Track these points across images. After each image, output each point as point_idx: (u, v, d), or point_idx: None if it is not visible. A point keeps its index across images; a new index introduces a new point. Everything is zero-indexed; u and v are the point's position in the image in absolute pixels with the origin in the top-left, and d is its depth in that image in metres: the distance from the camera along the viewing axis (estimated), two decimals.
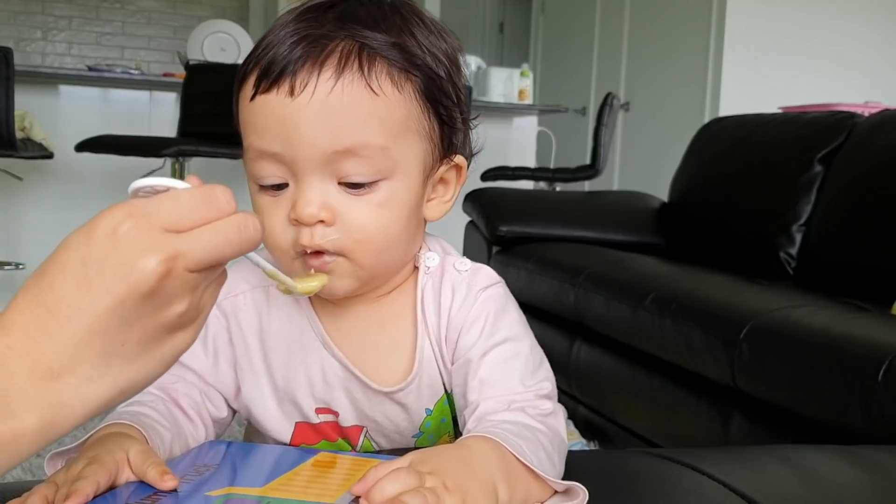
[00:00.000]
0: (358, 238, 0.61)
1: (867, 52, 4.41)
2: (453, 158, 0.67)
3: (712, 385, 1.62)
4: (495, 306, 0.68)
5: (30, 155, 3.04)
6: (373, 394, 0.68)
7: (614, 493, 0.63)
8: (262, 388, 0.69)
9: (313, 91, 0.59)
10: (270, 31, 0.62)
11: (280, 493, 0.53)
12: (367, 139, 0.60)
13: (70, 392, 0.41)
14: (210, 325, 0.69)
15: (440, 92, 0.64)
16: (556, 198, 3.20)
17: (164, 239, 0.42)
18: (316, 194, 0.60)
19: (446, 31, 0.67)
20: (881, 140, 2.09)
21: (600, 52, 5.29)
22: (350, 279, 0.63)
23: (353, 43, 0.60)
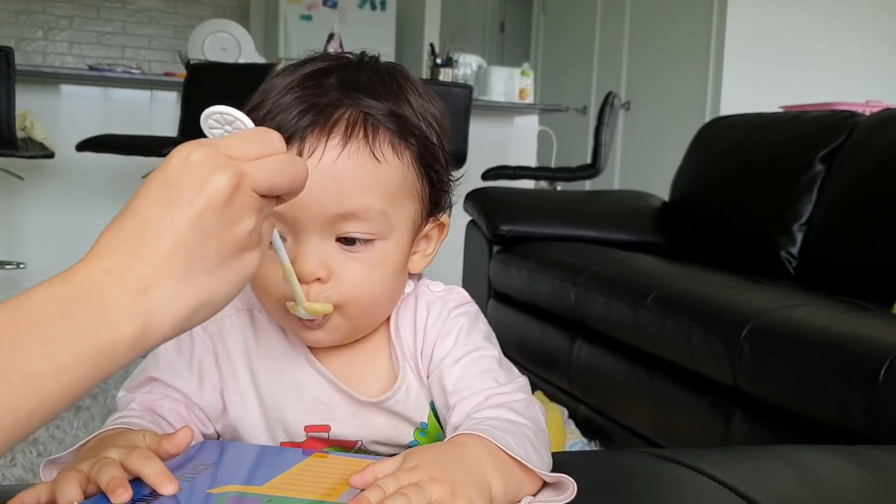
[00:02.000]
0: (349, 294, 0.64)
1: (868, 52, 4.41)
2: (439, 218, 0.71)
3: (713, 384, 1.62)
4: (467, 320, 0.72)
5: (31, 154, 3.05)
6: (363, 406, 0.70)
7: (615, 492, 0.63)
8: (249, 408, 0.70)
9: (321, 157, 0.62)
10: (271, 92, 0.65)
11: (282, 492, 0.53)
12: (368, 203, 0.63)
13: (158, 303, 0.46)
14: (195, 347, 0.70)
15: (433, 157, 0.68)
16: (556, 197, 3.20)
17: (231, 162, 0.48)
18: (315, 253, 0.63)
19: (432, 94, 0.71)
20: (882, 139, 2.09)
21: (601, 52, 5.29)
22: (336, 333, 0.67)
23: (357, 112, 0.63)
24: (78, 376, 0.42)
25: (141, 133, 3.30)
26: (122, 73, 3.67)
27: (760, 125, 2.50)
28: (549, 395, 2.25)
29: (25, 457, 1.91)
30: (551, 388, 2.29)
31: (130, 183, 3.63)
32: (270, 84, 0.67)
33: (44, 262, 3.56)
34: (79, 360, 0.43)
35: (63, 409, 0.43)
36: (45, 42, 6.04)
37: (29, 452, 1.94)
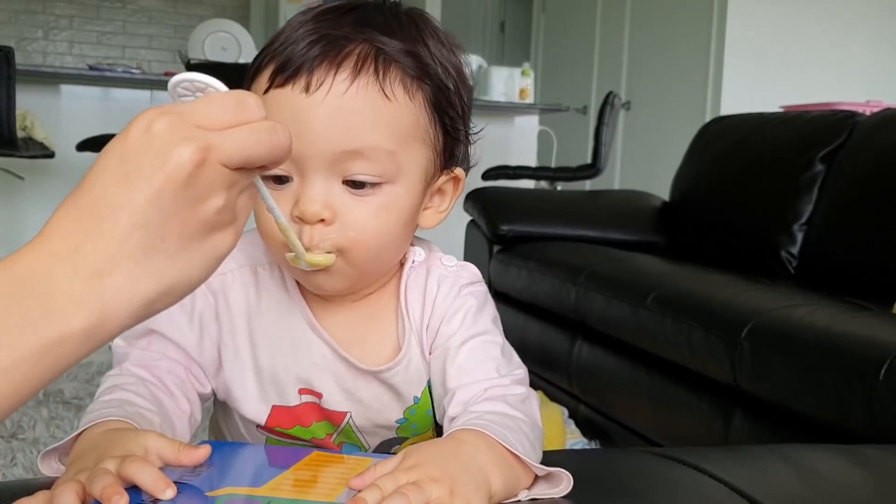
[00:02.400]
0: (354, 238, 0.62)
1: (869, 51, 4.41)
2: (453, 170, 0.69)
3: (713, 384, 1.62)
4: (476, 301, 0.71)
5: (31, 154, 3.05)
6: (360, 374, 0.69)
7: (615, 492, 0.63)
8: (244, 367, 0.69)
9: (328, 90, 0.60)
10: (286, 28, 0.63)
11: (281, 493, 0.53)
12: (376, 142, 0.61)
13: (114, 291, 0.41)
14: (197, 300, 0.69)
15: (447, 103, 0.66)
16: (557, 197, 3.20)
17: (197, 132, 0.43)
18: (320, 192, 0.61)
19: (457, 45, 0.69)
20: (882, 139, 2.09)
21: (601, 51, 5.29)
22: (341, 278, 0.64)
23: (370, 47, 0.61)
24: (22, 378, 0.38)
25: None
26: (123, 72, 3.67)
27: (761, 125, 2.50)
28: (550, 395, 2.25)
29: (26, 456, 1.91)
30: (551, 388, 2.29)
31: None
32: (287, 24, 0.65)
33: None
34: (23, 360, 0.38)
35: (13, 411, 0.40)
36: (45, 42, 6.04)
37: (29, 452, 1.94)
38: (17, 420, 2.15)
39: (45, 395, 2.37)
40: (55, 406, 2.28)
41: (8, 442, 2.00)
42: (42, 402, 2.32)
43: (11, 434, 2.06)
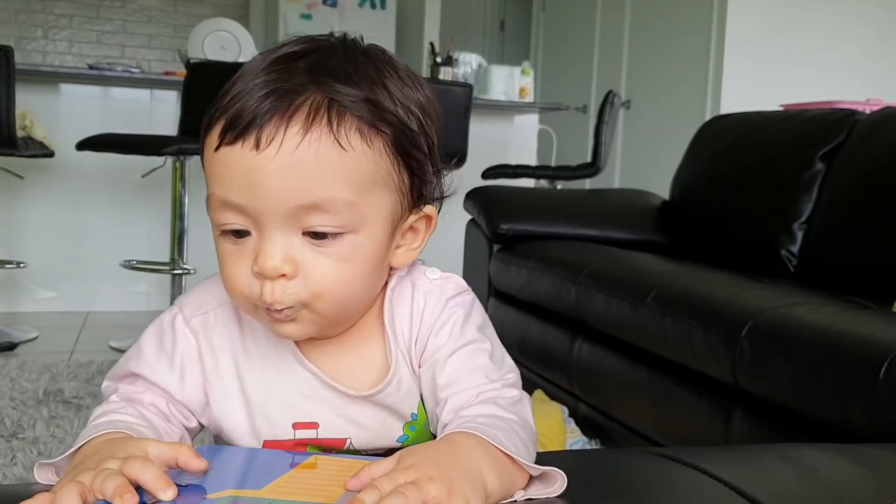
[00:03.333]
0: (318, 291, 0.61)
1: (869, 50, 4.41)
2: (423, 209, 0.68)
3: (713, 383, 1.62)
4: (463, 312, 0.70)
5: (31, 153, 3.04)
6: (352, 401, 0.69)
7: (615, 491, 0.63)
8: (233, 405, 0.69)
9: (279, 146, 0.58)
10: (239, 79, 0.62)
11: (280, 495, 0.53)
12: (333, 194, 0.60)
13: None
14: (178, 342, 0.69)
15: (411, 145, 0.64)
16: (557, 196, 3.20)
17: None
18: (279, 247, 0.60)
19: (419, 80, 0.67)
20: (882, 138, 2.09)
21: (601, 50, 5.29)
22: (309, 325, 0.64)
23: (322, 97, 0.60)
24: None
25: (141, 132, 3.30)
26: (122, 72, 3.67)
27: (760, 123, 2.50)
28: (550, 394, 2.25)
29: (26, 456, 1.91)
30: (552, 387, 2.29)
31: (130, 182, 3.64)
32: (241, 71, 0.63)
33: (44, 262, 3.57)
34: None
35: None
36: (44, 41, 6.04)
37: (29, 452, 1.94)
38: (17, 419, 2.15)
39: (45, 394, 2.37)
40: (55, 405, 2.28)
41: (8, 441, 2.00)
42: (42, 401, 2.32)
43: (11, 433, 2.06)
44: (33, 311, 3.62)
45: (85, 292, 3.68)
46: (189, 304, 0.71)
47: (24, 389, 2.41)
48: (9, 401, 2.31)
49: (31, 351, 3.00)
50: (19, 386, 2.44)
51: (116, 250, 3.56)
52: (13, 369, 2.61)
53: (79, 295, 3.67)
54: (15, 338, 3.07)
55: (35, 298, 3.64)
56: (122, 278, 3.52)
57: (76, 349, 3.06)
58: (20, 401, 2.31)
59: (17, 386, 2.44)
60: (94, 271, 3.67)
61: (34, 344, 3.11)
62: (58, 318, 3.52)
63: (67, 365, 2.69)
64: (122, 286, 3.63)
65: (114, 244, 3.63)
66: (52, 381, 2.51)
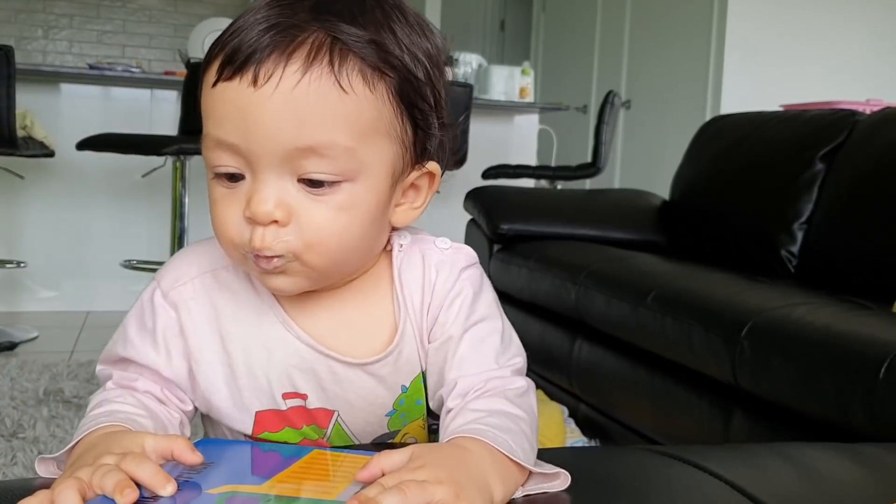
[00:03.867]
0: (311, 241, 0.59)
1: (869, 50, 4.41)
2: (425, 164, 0.65)
3: (713, 383, 1.62)
4: (474, 286, 0.68)
5: (31, 153, 3.04)
6: (346, 369, 0.66)
7: (615, 490, 0.63)
8: (219, 377, 0.67)
9: (278, 83, 0.56)
10: (241, 16, 0.59)
11: (282, 490, 0.53)
12: (331, 138, 0.57)
13: None
14: (158, 318, 0.66)
15: (416, 94, 0.61)
16: (557, 196, 3.20)
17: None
18: (272, 192, 0.58)
19: (430, 28, 0.64)
20: (882, 138, 2.09)
21: (601, 50, 5.29)
22: (301, 278, 0.62)
23: (325, 36, 0.57)
24: None
25: (141, 132, 3.30)
26: (123, 71, 3.67)
27: (761, 124, 2.50)
28: (550, 394, 2.25)
29: (26, 455, 1.91)
30: (552, 387, 2.29)
31: (130, 182, 3.64)
32: (250, 5, 0.60)
33: (44, 261, 3.57)
34: None
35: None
36: (45, 41, 6.04)
37: (30, 451, 1.94)
38: (17, 419, 2.15)
39: (45, 393, 2.37)
40: (55, 405, 2.28)
41: (8, 441, 2.00)
42: (42, 400, 2.32)
43: (12, 433, 2.06)
44: (33, 310, 3.62)
45: (85, 292, 3.68)
46: (167, 275, 0.68)
47: (24, 389, 2.41)
48: (9, 400, 2.31)
49: (31, 351, 3.00)
50: (19, 385, 2.44)
51: (117, 250, 3.57)
52: (13, 369, 2.62)
53: (79, 295, 3.68)
54: (15, 337, 3.07)
55: (35, 298, 3.64)
56: (122, 278, 3.52)
57: (76, 349, 3.06)
58: (20, 400, 2.31)
59: (17, 385, 2.44)
60: (94, 271, 3.67)
61: (34, 344, 3.11)
62: (58, 318, 3.52)
63: (67, 365, 2.69)
64: (122, 286, 3.63)
65: (114, 244, 3.63)
66: (53, 380, 2.51)
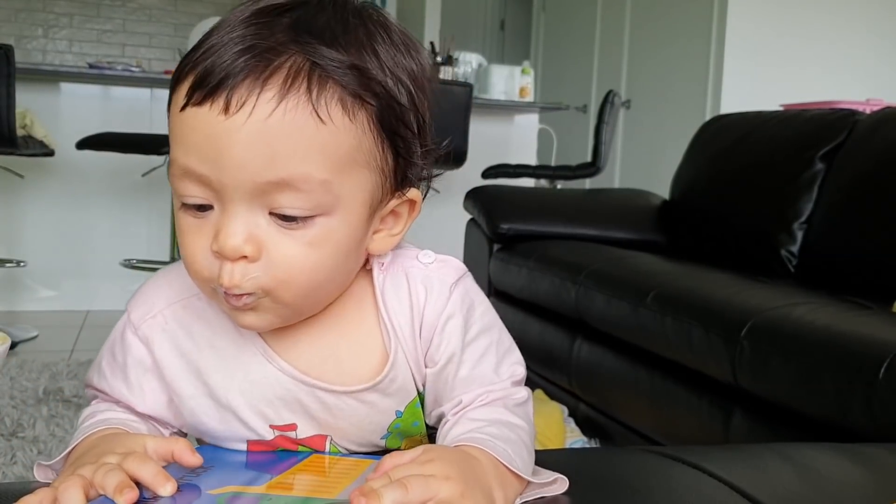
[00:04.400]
0: (281, 277, 0.55)
1: (869, 50, 4.41)
2: (406, 193, 0.61)
3: (713, 383, 1.62)
4: (466, 302, 0.65)
5: (31, 152, 3.04)
6: (334, 398, 0.62)
7: (615, 490, 0.63)
8: (203, 410, 0.63)
9: (251, 111, 0.52)
10: (215, 30, 0.55)
11: (282, 491, 0.53)
12: (306, 171, 0.53)
13: None
14: (128, 355, 0.64)
15: (398, 122, 0.57)
16: (557, 195, 3.20)
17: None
18: (241, 226, 0.54)
19: (416, 46, 0.60)
20: (882, 138, 2.09)
21: (601, 50, 5.29)
22: (272, 315, 0.58)
23: (303, 60, 0.53)
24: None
25: (141, 131, 3.30)
26: (123, 71, 3.67)
27: (761, 123, 2.50)
28: (550, 394, 2.25)
29: (26, 455, 1.91)
30: (551, 387, 2.29)
31: (130, 181, 3.64)
32: (222, 19, 0.56)
33: (44, 260, 3.57)
34: None
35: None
36: (45, 40, 6.03)
37: (29, 451, 1.94)
38: (16, 418, 2.15)
39: (45, 393, 2.37)
40: (55, 404, 2.28)
41: (8, 440, 2.00)
42: (42, 400, 2.32)
43: (11, 432, 2.06)
44: (33, 310, 3.62)
45: (85, 291, 3.68)
46: (136, 307, 0.64)
47: (24, 388, 2.41)
48: (9, 400, 2.31)
49: (31, 350, 3.00)
50: (19, 385, 2.44)
51: (116, 249, 3.57)
52: (13, 368, 2.61)
53: (79, 294, 3.67)
54: (15, 337, 3.07)
55: (35, 297, 3.64)
56: (122, 277, 3.52)
57: (76, 348, 3.06)
58: (20, 400, 2.31)
59: (17, 385, 2.44)
60: (94, 270, 3.67)
61: (34, 343, 3.11)
62: (58, 318, 3.52)
63: (67, 364, 2.69)
64: (122, 285, 3.62)
65: (114, 243, 3.63)
66: (52, 380, 2.51)
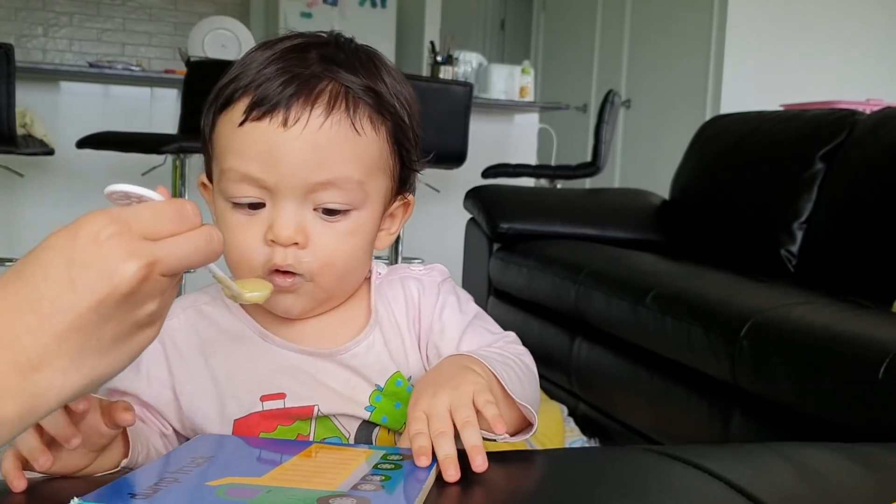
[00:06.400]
0: (326, 260, 0.68)
1: (869, 50, 4.41)
2: (406, 196, 0.76)
3: (713, 382, 1.62)
4: (455, 293, 0.79)
5: (31, 151, 3.04)
6: (320, 360, 0.72)
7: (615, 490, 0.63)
8: (204, 392, 0.72)
9: (305, 125, 0.65)
10: (251, 65, 0.68)
11: (281, 482, 0.53)
12: (347, 173, 0.67)
13: (47, 383, 0.44)
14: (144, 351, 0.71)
15: (404, 136, 0.72)
16: (557, 195, 3.20)
17: (144, 246, 0.45)
18: (293, 218, 0.66)
19: (405, 80, 0.74)
20: (882, 138, 2.09)
21: (601, 49, 5.29)
22: (308, 299, 0.70)
23: (339, 86, 0.67)
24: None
25: (141, 130, 3.30)
26: (123, 70, 3.67)
27: (761, 123, 2.50)
28: (549, 393, 2.25)
29: None
30: (551, 386, 2.29)
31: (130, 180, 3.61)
32: (249, 58, 0.69)
33: None
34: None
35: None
36: (45, 39, 6.03)
37: None
38: None
39: None
40: None
41: None
42: None
43: None
44: None
45: None
46: None
47: None
48: None
49: None
50: None
51: None
52: None
53: None
54: None
55: None
56: None
57: None
58: None
59: None
60: None
61: None
62: None
63: None
64: None
65: None
66: None
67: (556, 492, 0.59)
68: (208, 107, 0.70)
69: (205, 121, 0.71)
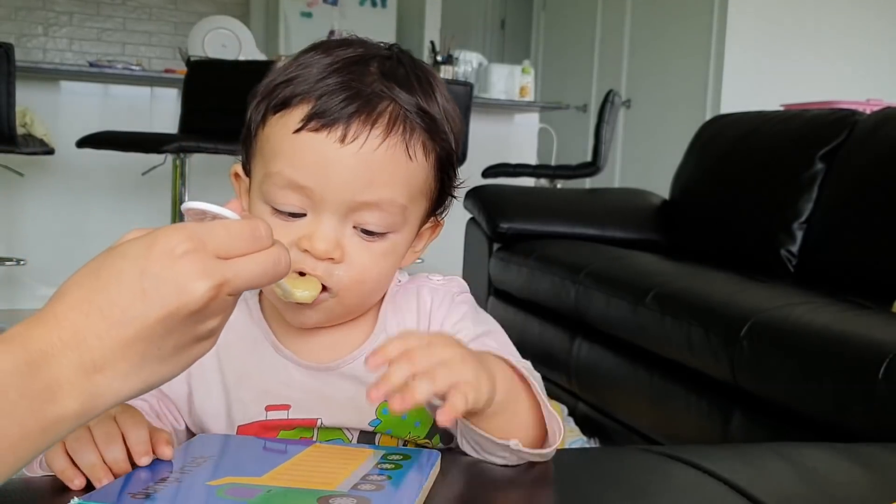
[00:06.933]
0: (357, 279, 0.67)
1: (869, 50, 4.41)
2: (438, 218, 0.75)
3: (713, 382, 1.62)
4: (470, 305, 0.77)
5: (31, 151, 3.04)
6: (324, 374, 0.72)
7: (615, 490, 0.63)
8: (213, 392, 0.72)
9: (362, 144, 0.64)
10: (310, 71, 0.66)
11: (281, 482, 0.53)
12: (392, 197, 0.66)
13: (106, 385, 0.45)
14: None
15: (450, 165, 0.71)
16: (557, 195, 3.20)
17: (216, 265, 0.47)
18: (333, 233, 0.65)
19: (450, 93, 0.73)
20: (883, 138, 2.09)
21: (602, 49, 5.29)
22: (326, 315, 0.69)
23: (398, 108, 0.66)
24: (25, 450, 0.43)
25: (141, 130, 3.30)
26: (123, 69, 3.67)
27: (761, 123, 2.50)
28: (549, 393, 2.25)
29: None
30: (551, 386, 2.29)
31: (130, 180, 3.64)
32: (307, 59, 0.67)
33: (44, 259, 3.57)
34: (29, 435, 0.43)
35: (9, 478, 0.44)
36: (45, 38, 6.03)
37: None
38: None
39: None
40: None
41: None
42: None
43: None
44: (33, 308, 3.58)
45: None
46: None
47: None
48: None
49: None
50: None
51: None
52: None
53: None
54: None
55: (35, 295, 3.64)
56: None
57: None
58: None
59: None
60: None
61: None
62: None
63: None
64: None
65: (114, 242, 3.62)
66: None
67: (556, 492, 0.59)
68: (258, 101, 0.69)
69: (252, 115, 0.69)
